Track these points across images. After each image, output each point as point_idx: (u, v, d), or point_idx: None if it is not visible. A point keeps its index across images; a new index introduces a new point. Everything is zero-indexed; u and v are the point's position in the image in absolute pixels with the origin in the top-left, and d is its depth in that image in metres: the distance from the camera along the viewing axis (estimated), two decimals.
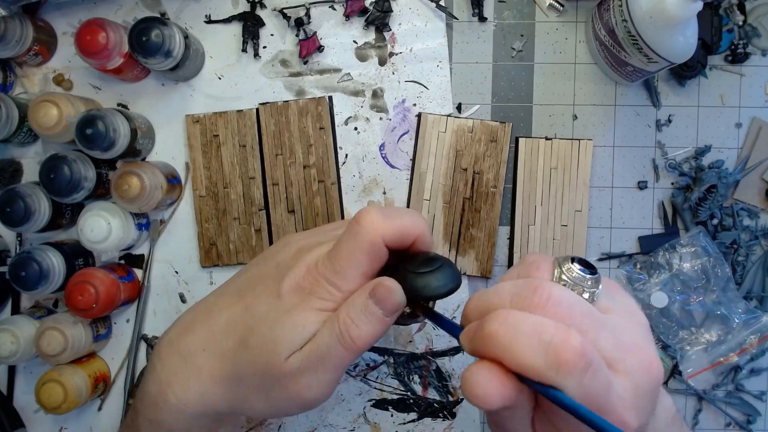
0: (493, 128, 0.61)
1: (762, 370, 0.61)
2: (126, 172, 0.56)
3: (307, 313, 0.39)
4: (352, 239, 0.38)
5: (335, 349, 0.37)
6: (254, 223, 0.62)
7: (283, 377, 0.39)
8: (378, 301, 0.37)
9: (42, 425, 0.63)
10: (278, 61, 0.62)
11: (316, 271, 0.39)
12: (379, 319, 0.38)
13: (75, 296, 0.55)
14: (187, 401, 0.42)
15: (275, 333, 0.39)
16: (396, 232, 0.38)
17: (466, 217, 0.61)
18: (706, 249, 0.60)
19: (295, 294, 0.40)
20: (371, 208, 0.40)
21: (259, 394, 0.40)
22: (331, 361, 0.38)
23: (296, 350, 0.38)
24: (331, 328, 0.38)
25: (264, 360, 0.39)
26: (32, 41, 0.58)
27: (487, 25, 0.62)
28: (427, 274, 0.38)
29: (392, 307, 0.38)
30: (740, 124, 0.61)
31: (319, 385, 0.39)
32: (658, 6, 0.49)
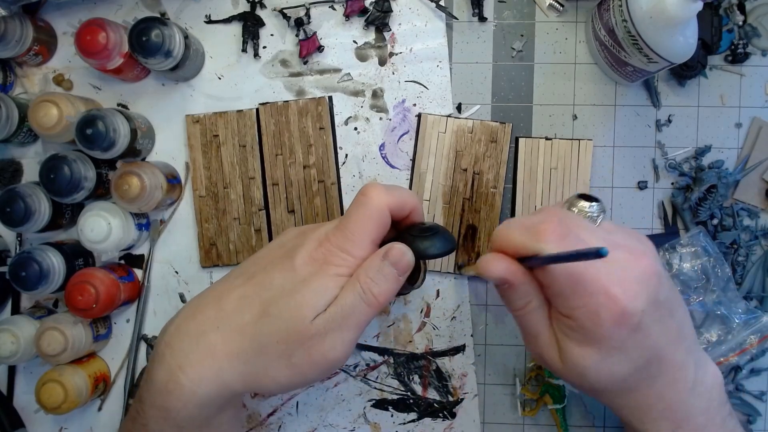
0: (493, 128, 0.61)
1: (762, 370, 0.61)
2: (126, 172, 0.56)
3: (326, 279, 0.42)
4: (361, 208, 0.43)
5: (359, 306, 0.42)
6: (254, 223, 0.62)
7: (308, 339, 0.42)
8: (393, 262, 0.43)
9: (42, 425, 0.63)
10: (278, 61, 0.62)
11: (328, 242, 0.43)
12: (394, 277, 0.43)
13: (75, 296, 0.55)
14: (201, 381, 0.43)
15: (297, 299, 0.42)
16: (397, 201, 0.44)
17: (466, 217, 0.61)
18: (706, 249, 0.60)
19: (309, 265, 0.43)
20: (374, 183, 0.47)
21: (281, 362, 0.42)
22: (355, 319, 0.42)
23: (320, 312, 0.42)
24: (353, 288, 0.42)
25: (289, 325, 0.42)
26: (32, 41, 0.58)
27: (487, 25, 0.62)
28: (429, 237, 0.44)
29: (405, 266, 0.43)
30: (740, 124, 0.61)
31: (343, 344, 0.42)
32: (658, 6, 0.49)
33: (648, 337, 0.41)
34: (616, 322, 0.39)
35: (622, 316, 0.39)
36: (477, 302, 0.63)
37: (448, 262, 0.61)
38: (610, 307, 0.39)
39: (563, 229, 0.40)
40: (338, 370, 0.62)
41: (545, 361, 0.44)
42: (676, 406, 0.44)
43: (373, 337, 0.63)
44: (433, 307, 0.62)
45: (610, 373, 0.42)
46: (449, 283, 0.62)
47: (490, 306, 0.63)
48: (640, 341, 0.41)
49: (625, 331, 0.40)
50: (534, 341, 0.44)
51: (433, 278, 0.62)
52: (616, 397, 0.45)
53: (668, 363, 0.43)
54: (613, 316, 0.39)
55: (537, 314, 0.43)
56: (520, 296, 0.43)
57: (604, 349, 0.40)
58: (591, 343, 0.40)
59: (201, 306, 0.46)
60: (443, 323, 0.62)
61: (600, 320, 0.39)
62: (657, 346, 0.42)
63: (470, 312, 0.62)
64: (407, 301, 0.62)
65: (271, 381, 0.43)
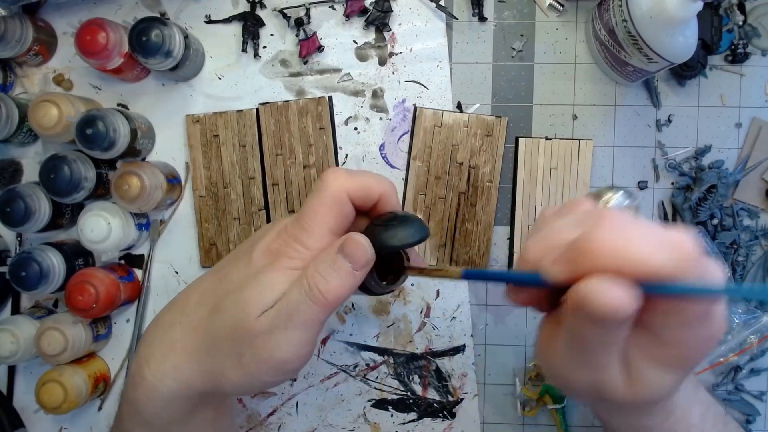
0: (488, 122, 0.61)
1: (762, 370, 0.61)
2: (126, 172, 0.56)
3: (276, 273, 0.39)
4: (317, 196, 0.39)
5: (304, 304, 0.37)
6: (254, 223, 0.62)
7: (254, 337, 0.38)
8: (346, 254, 0.38)
9: (42, 425, 0.63)
10: (278, 61, 0.62)
11: (285, 232, 0.40)
12: (348, 272, 0.38)
13: (75, 296, 0.55)
14: (162, 376, 0.41)
15: (245, 295, 0.39)
16: (359, 187, 0.39)
17: (462, 211, 0.61)
18: (705, 249, 0.60)
19: (265, 257, 0.40)
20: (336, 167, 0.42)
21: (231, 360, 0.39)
22: (301, 317, 0.38)
23: (267, 309, 0.38)
24: (299, 284, 0.38)
25: (235, 321, 0.39)
26: (32, 41, 0.58)
27: (487, 25, 0.61)
28: (393, 225, 0.39)
29: (361, 260, 0.38)
30: (740, 124, 0.61)
31: (289, 344, 0.38)
32: (658, 6, 0.49)
33: None
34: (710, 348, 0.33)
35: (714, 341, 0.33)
36: (477, 302, 0.63)
37: (444, 256, 0.61)
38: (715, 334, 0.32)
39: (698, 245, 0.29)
40: (336, 368, 0.63)
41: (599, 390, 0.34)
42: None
43: (373, 337, 0.63)
44: (433, 307, 0.62)
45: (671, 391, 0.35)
46: (449, 283, 0.62)
47: (490, 306, 0.63)
48: None
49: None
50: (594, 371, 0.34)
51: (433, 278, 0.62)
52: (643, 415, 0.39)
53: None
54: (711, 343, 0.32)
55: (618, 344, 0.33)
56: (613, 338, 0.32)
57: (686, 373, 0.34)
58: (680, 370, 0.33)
59: (175, 300, 0.45)
60: (443, 323, 0.62)
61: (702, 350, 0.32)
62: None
63: (470, 312, 0.62)
64: (407, 302, 0.62)
65: (226, 381, 0.40)
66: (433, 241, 0.61)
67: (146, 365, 0.42)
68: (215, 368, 0.40)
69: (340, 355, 0.63)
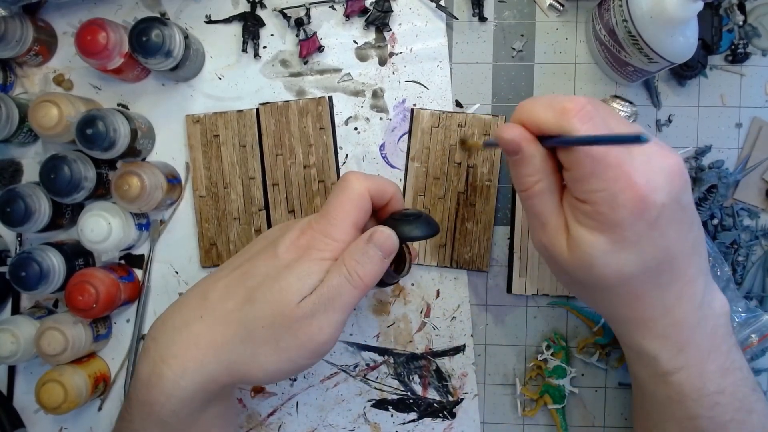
0: (485, 121, 0.61)
1: (762, 370, 0.61)
2: (126, 172, 0.56)
3: (310, 263, 0.43)
4: (342, 193, 0.44)
5: (345, 288, 0.42)
6: (254, 224, 0.62)
7: (295, 322, 0.42)
8: (377, 244, 0.43)
9: (42, 425, 0.63)
10: (278, 61, 0.62)
11: (311, 228, 0.44)
12: (379, 259, 0.43)
13: (75, 296, 0.55)
14: (185, 372, 0.42)
15: (282, 284, 0.42)
16: (377, 187, 0.45)
17: (461, 211, 0.61)
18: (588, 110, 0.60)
19: (292, 252, 0.44)
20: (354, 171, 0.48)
21: (268, 347, 0.42)
22: (342, 300, 0.42)
23: (306, 295, 0.42)
24: (339, 270, 0.42)
25: (275, 309, 0.42)
26: (32, 41, 0.58)
27: (487, 25, 0.62)
28: (412, 221, 0.45)
29: (389, 248, 0.44)
30: (740, 124, 0.61)
31: (330, 326, 0.42)
32: (659, 6, 0.49)
33: (664, 236, 0.39)
34: (634, 209, 0.38)
35: (641, 204, 0.38)
36: (477, 302, 0.63)
37: (444, 256, 0.61)
38: (630, 194, 0.38)
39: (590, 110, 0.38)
40: (336, 368, 0.63)
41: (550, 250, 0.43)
42: (682, 325, 0.43)
43: (373, 337, 0.63)
44: (433, 307, 0.62)
45: (619, 267, 0.40)
46: (449, 283, 0.62)
47: (490, 306, 0.63)
48: (655, 239, 0.39)
49: (642, 223, 0.38)
50: (541, 228, 0.43)
51: (433, 278, 0.62)
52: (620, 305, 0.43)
53: (679, 273, 0.42)
54: (632, 203, 0.38)
55: (547, 197, 0.42)
56: (531, 171, 0.41)
57: (617, 238, 0.39)
58: (605, 230, 0.39)
59: (187, 299, 0.46)
60: (443, 323, 0.62)
61: (618, 206, 0.38)
62: (671, 250, 0.40)
63: (470, 312, 0.62)
64: (407, 302, 0.62)
65: (258, 369, 0.43)
66: (433, 241, 0.61)
67: (164, 364, 0.43)
68: (248, 358, 0.43)
69: (340, 355, 0.63)
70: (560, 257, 0.42)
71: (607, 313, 0.45)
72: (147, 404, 0.43)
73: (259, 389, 0.63)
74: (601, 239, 0.39)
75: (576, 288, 0.46)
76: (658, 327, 0.43)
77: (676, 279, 0.42)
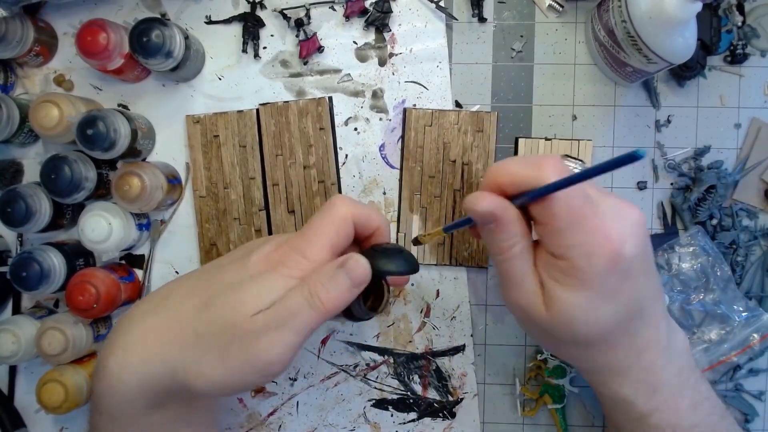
0: (478, 118, 0.61)
1: (761, 370, 0.62)
2: (127, 173, 0.56)
3: (275, 277, 0.41)
4: (325, 214, 0.43)
5: (304, 309, 0.39)
6: (254, 224, 0.62)
7: (246, 335, 0.39)
8: (348, 270, 0.41)
9: (43, 425, 0.63)
10: (278, 62, 0.62)
11: (286, 244, 0.42)
12: (347, 287, 0.41)
13: (76, 296, 0.55)
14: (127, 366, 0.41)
15: (241, 293, 0.40)
16: (363, 214, 0.43)
17: (458, 208, 0.61)
18: (704, 248, 0.60)
19: (262, 264, 0.42)
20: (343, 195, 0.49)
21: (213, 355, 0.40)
22: (298, 321, 0.39)
23: (263, 309, 0.40)
24: (301, 290, 0.40)
25: (227, 317, 0.40)
26: (33, 42, 0.58)
27: (486, 25, 0.62)
28: (390, 255, 0.43)
29: (359, 278, 0.41)
30: (739, 124, 0.62)
31: (281, 346, 0.39)
32: (658, 7, 0.49)
33: (636, 287, 0.41)
34: (610, 263, 0.38)
35: (616, 257, 0.38)
36: (477, 302, 0.63)
37: (443, 254, 0.62)
38: (606, 247, 0.38)
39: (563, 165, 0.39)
40: (336, 367, 0.63)
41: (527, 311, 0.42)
42: (652, 368, 0.44)
43: (373, 337, 0.63)
44: (433, 307, 0.62)
45: (597, 322, 0.40)
46: (449, 283, 0.62)
47: (490, 306, 0.63)
48: (628, 290, 0.40)
49: (617, 276, 0.39)
50: (516, 290, 0.43)
51: (433, 278, 0.62)
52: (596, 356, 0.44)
53: (648, 319, 0.43)
54: (608, 257, 0.38)
55: (522, 259, 0.42)
56: (507, 237, 0.41)
57: (595, 293, 0.39)
58: (582, 286, 0.39)
59: (152, 294, 0.45)
60: (443, 323, 0.62)
61: (595, 260, 0.38)
62: (642, 298, 0.42)
63: (470, 312, 0.62)
64: (407, 302, 0.62)
65: (200, 376, 0.40)
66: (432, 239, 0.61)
67: (111, 355, 0.42)
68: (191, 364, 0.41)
69: (340, 355, 0.63)
70: (538, 317, 0.42)
71: (582, 365, 0.46)
72: (98, 395, 0.43)
73: (259, 389, 0.63)
74: (579, 296, 0.40)
75: (552, 344, 0.47)
76: (632, 372, 0.44)
77: (645, 325, 0.43)
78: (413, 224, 0.61)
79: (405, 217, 0.61)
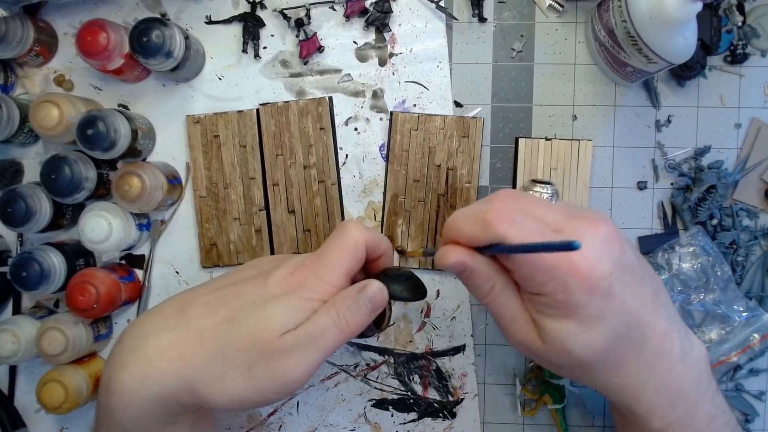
0: (465, 123, 0.61)
1: (761, 370, 0.62)
2: (127, 173, 0.56)
3: (298, 299, 0.43)
4: (340, 240, 0.44)
5: (331, 330, 0.42)
6: (255, 224, 0.62)
7: (273, 353, 0.41)
8: (368, 296, 0.43)
9: (43, 425, 0.63)
10: (278, 62, 0.62)
11: (304, 267, 0.44)
12: (367, 311, 0.43)
13: (76, 296, 0.55)
14: (145, 380, 0.41)
15: (267, 312, 0.42)
16: (374, 240, 0.46)
17: (442, 213, 0.61)
18: (704, 248, 0.60)
19: (282, 286, 0.44)
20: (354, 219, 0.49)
21: (238, 371, 0.41)
22: (324, 342, 0.42)
23: (290, 329, 0.42)
24: (328, 313, 0.42)
25: (255, 335, 0.41)
26: (33, 42, 0.58)
27: (486, 25, 0.62)
28: (403, 281, 0.46)
29: (379, 302, 0.44)
30: (739, 124, 0.62)
31: (307, 364, 0.42)
32: (658, 7, 0.49)
33: (623, 302, 0.40)
34: (586, 289, 0.39)
35: (589, 281, 0.38)
36: (477, 302, 0.63)
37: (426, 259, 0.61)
38: (576, 276, 0.38)
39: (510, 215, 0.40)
40: (336, 367, 0.63)
41: (526, 345, 0.43)
42: (669, 380, 0.43)
43: (374, 337, 0.63)
44: (433, 307, 0.62)
45: (592, 344, 0.41)
46: (449, 283, 0.62)
47: None
48: (615, 306, 0.40)
49: (598, 297, 0.39)
50: (510, 327, 0.44)
51: (434, 278, 0.62)
52: (607, 376, 0.44)
53: (651, 330, 0.42)
54: (581, 284, 0.38)
55: (506, 296, 0.43)
56: (483, 280, 0.42)
57: (582, 318, 0.40)
58: (568, 315, 0.40)
59: (162, 308, 0.45)
60: (443, 323, 0.62)
61: (570, 290, 0.39)
62: (634, 311, 0.41)
63: (470, 312, 0.62)
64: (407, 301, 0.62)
65: (222, 391, 0.41)
66: (414, 243, 0.61)
67: (124, 369, 0.42)
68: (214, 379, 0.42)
69: (341, 355, 0.63)
70: (537, 350, 0.43)
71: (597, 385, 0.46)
72: (108, 411, 0.43)
73: None
74: (568, 324, 0.40)
75: (563, 371, 0.47)
76: (649, 386, 0.44)
77: (649, 336, 0.43)
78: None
79: (388, 223, 0.61)
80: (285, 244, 0.62)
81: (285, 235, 0.62)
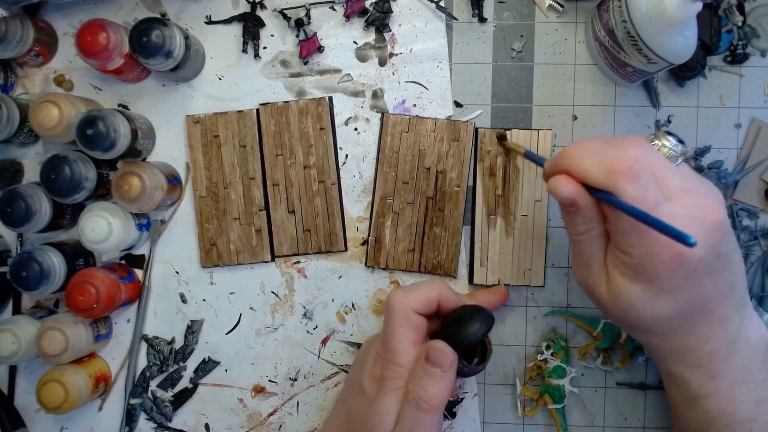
0: (455, 127, 0.61)
1: None
2: (127, 173, 0.56)
3: (387, 397, 0.46)
4: (389, 319, 0.47)
5: (419, 417, 0.44)
6: (255, 224, 0.62)
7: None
8: (433, 361, 0.45)
9: (43, 425, 0.63)
10: (278, 62, 0.62)
11: (379, 357, 0.47)
12: (440, 376, 0.45)
13: (76, 296, 0.55)
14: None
15: (369, 425, 0.46)
16: (419, 300, 0.47)
17: (430, 216, 0.61)
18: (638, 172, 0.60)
19: (372, 385, 0.47)
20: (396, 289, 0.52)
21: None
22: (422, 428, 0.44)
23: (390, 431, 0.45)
24: (407, 403, 0.45)
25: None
26: (33, 42, 0.58)
27: (486, 25, 0.62)
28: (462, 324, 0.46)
29: (446, 362, 0.45)
30: (739, 124, 0.62)
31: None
32: (658, 7, 0.49)
33: (700, 286, 0.41)
34: (672, 265, 0.39)
35: (678, 260, 0.39)
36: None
37: (412, 261, 0.61)
38: (669, 252, 0.39)
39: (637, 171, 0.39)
40: (336, 367, 0.63)
41: (592, 290, 0.45)
42: (714, 356, 0.44)
43: None
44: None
45: (655, 313, 0.42)
46: (449, 283, 0.62)
47: None
48: (690, 288, 0.41)
49: (679, 276, 0.40)
50: (585, 269, 0.45)
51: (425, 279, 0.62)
52: (655, 338, 0.45)
53: (711, 315, 0.43)
54: (670, 260, 0.39)
55: (595, 243, 0.44)
56: (585, 221, 0.43)
57: (654, 288, 0.41)
58: (643, 281, 0.41)
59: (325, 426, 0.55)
60: None
61: (656, 262, 0.39)
62: (705, 297, 0.42)
63: None
64: None
65: None
66: (401, 245, 0.61)
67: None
68: None
69: (341, 355, 0.63)
70: (601, 298, 0.45)
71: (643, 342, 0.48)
72: None
73: (259, 389, 0.63)
74: (638, 288, 0.42)
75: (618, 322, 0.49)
76: (692, 357, 0.45)
77: (708, 320, 0.43)
78: None
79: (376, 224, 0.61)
80: (285, 244, 0.62)
81: (285, 235, 0.62)
